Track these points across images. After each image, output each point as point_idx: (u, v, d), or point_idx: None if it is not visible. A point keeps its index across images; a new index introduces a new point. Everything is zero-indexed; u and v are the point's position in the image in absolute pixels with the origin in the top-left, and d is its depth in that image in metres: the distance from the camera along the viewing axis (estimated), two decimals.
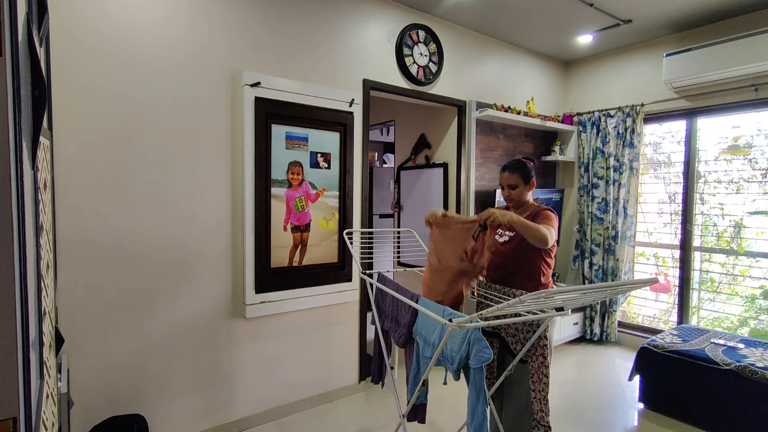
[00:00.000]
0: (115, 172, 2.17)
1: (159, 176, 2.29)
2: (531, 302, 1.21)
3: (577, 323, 4.17)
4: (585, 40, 3.85)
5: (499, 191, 3.72)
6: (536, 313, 1.57)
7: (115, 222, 2.18)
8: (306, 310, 2.83)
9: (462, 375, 1.68)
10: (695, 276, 3.76)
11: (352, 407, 2.93)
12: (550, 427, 1.91)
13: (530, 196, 2.20)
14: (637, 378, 2.97)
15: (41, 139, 1.01)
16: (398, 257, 4.14)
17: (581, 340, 4.27)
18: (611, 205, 4.02)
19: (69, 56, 2.03)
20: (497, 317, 1.82)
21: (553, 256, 2.13)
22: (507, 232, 2.19)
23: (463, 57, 3.64)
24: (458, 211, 3.70)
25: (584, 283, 4.33)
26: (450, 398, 2.97)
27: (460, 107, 3.66)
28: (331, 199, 2.85)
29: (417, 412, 1.97)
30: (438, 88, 3.47)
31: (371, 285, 2.29)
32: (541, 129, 4.29)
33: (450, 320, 1.46)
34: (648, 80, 3.91)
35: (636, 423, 2.81)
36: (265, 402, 2.71)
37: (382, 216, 5.32)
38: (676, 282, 3.84)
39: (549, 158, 4.33)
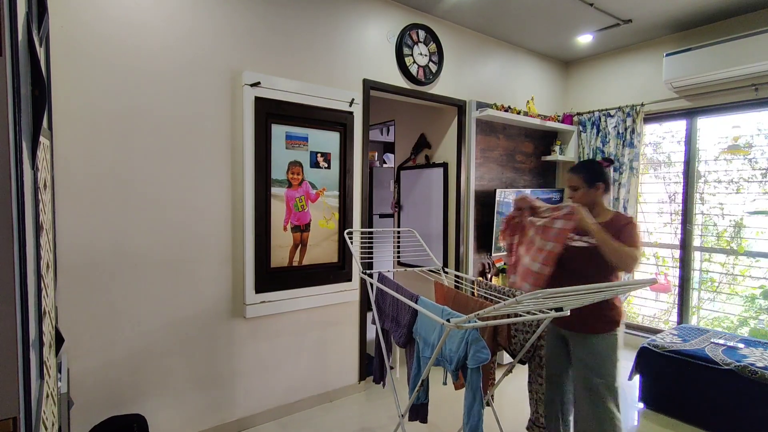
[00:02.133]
0: (115, 171, 2.17)
1: (159, 176, 2.29)
2: (529, 302, 1.21)
3: None
4: (585, 39, 3.85)
5: (499, 191, 3.72)
6: (535, 314, 1.57)
7: (115, 221, 2.18)
8: (306, 310, 2.83)
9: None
10: (695, 276, 3.76)
11: (352, 407, 2.94)
12: (544, 427, 1.91)
13: (604, 202, 2.00)
14: (637, 378, 2.97)
15: (41, 139, 1.01)
16: (398, 257, 4.14)
17: None
18: (611, 204, 4.02)
19: (69, 56, 2.03)
20: (496, 317, 1.82)
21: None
22: (585, 238, 1.93)
23: (463, 57, 3.64)
24: (458, 211, 3.70)
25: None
26: (450, 398, 2.97)
27: (460, 107, 3.66)
28: (331, 199, 2.86)
29: (418, 412, 1.97)
30: (438, 88, 3.47)
31: (371, 285, 2.29)
32: (541, 129, 4.29)
33: (448, 320, 1.46)
34: (648, 80, 3.90)
35: (636, 423, 2.81)
36: (265, 402, 2.71)
37: (382, 216, 5.32)
38: (676, 282, 3.84)
39: (549, 158, 4.33)
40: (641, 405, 2.94)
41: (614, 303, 1.89)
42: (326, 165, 2.82)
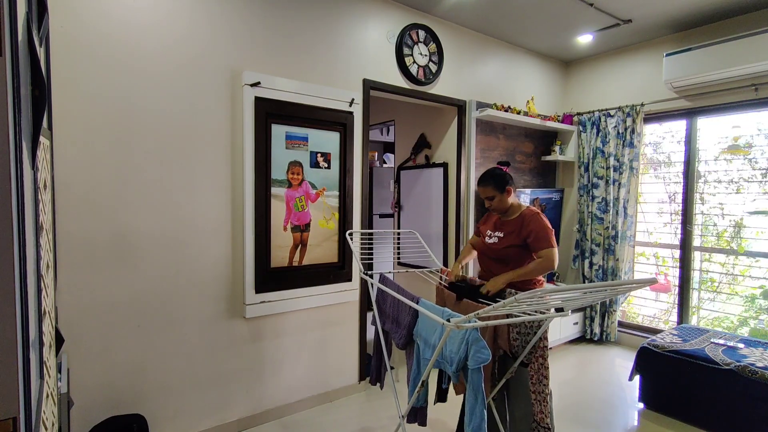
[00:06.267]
0: (115, 171, 2.17)
1: (159, 176, 2.29)
2: (528, 303, 1.21)
3: (577, 323, 4.17)
4: (585, 39, 3.85)
5: None
6: (534, 314, 1.56)
7: (115, 221, 2.18)
8: (306, 310, 2.83)
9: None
10: (695, 276, 3.76)
11: (352, 407, 2.93)
12: (549, 428, 1.91)
13: (512, 200, 2.27)
14: (637, 378, 2.97)
15: (41, 139, 1.01)
16: (398, 257, 4.14)
17: (581, 339, 4.27)
18: (611, 204, 4.02)
19: (69, 56, 2.03)
20: (496, 317, 1.82)
21: None
22: (496, 233, 2.27)
23: (463, 57, 3.64)
24: (458, 211, 3.70)
25: (584, 283, 4.33)
26: (451, 398, 2.97)
27: (460, 107, 3.66)
28: (331, 199, 2.85)
29: (417, 415, 1.97)
30: (438, 88, 3.47)
31: (372, 285, 2.29)
32: (541, 129, 4.29)
33: (448, 320, 1.46)
34: (648, 80, 3.90)
35: (636, 423, 2.81)
36: (265, 402, 2.71)
37: (382, 216, 5.32)
38: (676, 282, 3.84)
39: (549, 158, 4.33)
40: (641, 405, 2.94)
41: (535, 281, 2.20)
42: (326, 165, 2.81)
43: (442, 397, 1.97)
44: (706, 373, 2.60)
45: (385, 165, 6.22)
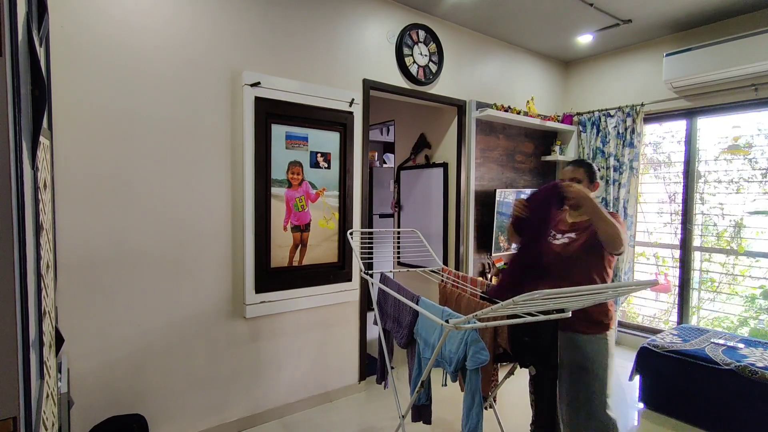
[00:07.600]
0: (115, 171, 2.17)
1: (159, 176, 2.29)
2: (526, 304, 1.21)
3: None
4: (585, 40, 3.85)
5: (499, 191, 3.72)
6: (536, 315, 1.56)
7: (115, 221, 2.18)
8: (306, 310, 2.83)
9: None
10: (695, 276, 3.76)
11: (353, 407, 2.93)
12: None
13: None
14: (637, 378, 2.97)
15: (41, 139, 1.01)
16: (398, 257, 4.14)
17: None
18: (611, 205, 4.02)
19: (69, 56, 2.03)
20: (496, 318, 1.82)
21: (613, 267, 1.96)
22: (568, 234, 1.98)
23: (463, 57, 3.64)
24: (458, 211, 3.70)
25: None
26: (453, 399, 2.97)
27: (460, 107, 3.66)
28: (331, 199, 2.85)
29: (421, 413, 1.96)
30: (438, 88, 3.47)
31: (373, 285, 2.29)
32: (541, 129, 4.29)
33: (447, 321, 1.46)
34: (648, 80, 3.90)
35: (636, 423, 2.81)
36: (265, 402, 2.71)
37: (382, 216, 5.32)
38: (676, 282, 3.84)
39: (549, 158, 4.33)
40: (641, 405, 2.94)
41: (605, 305, 1.93)
42: (326, 165, 2.81)
43: (425, 417, 1.98)
44: (706, 373, 2.60)
45: (385, 165, 6.22)
